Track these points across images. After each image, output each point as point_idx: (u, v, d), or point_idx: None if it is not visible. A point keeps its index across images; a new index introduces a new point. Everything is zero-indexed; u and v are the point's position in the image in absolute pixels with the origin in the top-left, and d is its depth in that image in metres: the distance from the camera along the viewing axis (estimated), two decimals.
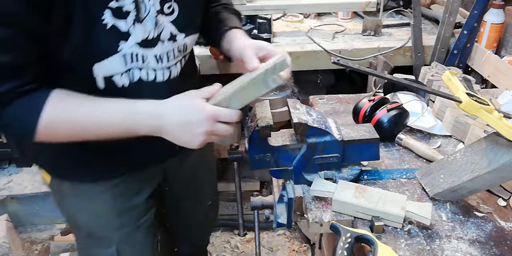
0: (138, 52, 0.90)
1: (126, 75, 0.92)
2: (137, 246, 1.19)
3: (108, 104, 0.87)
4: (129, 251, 1.18)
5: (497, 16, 1.78)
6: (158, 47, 0.93)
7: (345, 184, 1.01)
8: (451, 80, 0.96)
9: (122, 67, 0.90)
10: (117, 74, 0.91)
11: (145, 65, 0.94)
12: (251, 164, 1.05)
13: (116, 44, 0.87)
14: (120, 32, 0.86)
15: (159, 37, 0.93)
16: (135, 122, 0.87)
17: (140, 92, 0.93)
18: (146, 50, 0.91)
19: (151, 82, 0.96)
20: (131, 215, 1.14)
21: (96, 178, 1.08)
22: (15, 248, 2.12)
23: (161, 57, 0.95)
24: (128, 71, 0.92)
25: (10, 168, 2.34)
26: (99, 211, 1.12)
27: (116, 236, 1.15)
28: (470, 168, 0.95)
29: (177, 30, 0.96)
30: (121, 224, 1.14)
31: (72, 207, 1.14)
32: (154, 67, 0.95)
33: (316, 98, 1.53)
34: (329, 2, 2.07)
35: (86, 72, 0.88)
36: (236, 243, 2.33)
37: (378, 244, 0.87)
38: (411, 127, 1.30)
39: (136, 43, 0.89)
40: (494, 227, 0.97)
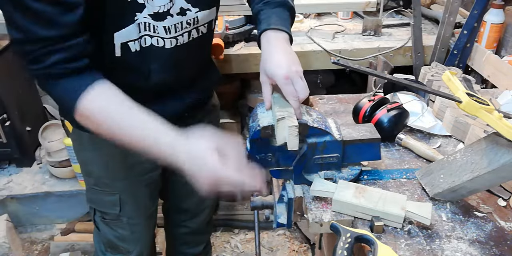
0: (150, 23, 1.01)
1: (138, 41, 1.03)
2: (137, 198, 1.33)
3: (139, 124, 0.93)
4: (129, 201, 1.32)
5: (497, 16, 1.78)
6: (167, 20, 1.03)
7: (345, 184, 1.01)
8: (451, 80, 0.96)
9: (136, 34, 1.01)
10: (131, 40, 1.02)
11: (156, 34, 1.04)
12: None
13: (133, 14, 0.98)
14: (138, 4, 0.97)
15: (169, 11, 1.02)
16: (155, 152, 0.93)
17: (150, 55, 1.06)
18: (157, 22, 1.02)
19: (160, 48, 1.06)
20: (136, 169, 1.27)
21: None
22: (15, 248, 2.12)
23: (169, 29, 1.04)
24: (140, 38, 1.03)
25: (10, 168, 2.34)
26: (109, 162, 1.25)
27: (120, 186, 1.29)
28: (470, 168, 0.95)
29: (190, 5, 1.05)
30: (126, 176, 1.28)
31: (87, 155, 1.28)
32: (163, 36, 1.05)
33: (316, 98, 1.53)
34: (329, 2, 2.07)
35: (108, 40, 1.00)
36: (236, 243, 2.33)
37: (378, 244, 0.87)
38: (411, 127, 1.30)
39: (148, 15, 1.00)
40: (494, 227, 0.97)
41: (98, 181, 1.30)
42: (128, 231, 1.37)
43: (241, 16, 1.95)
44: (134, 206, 1.34)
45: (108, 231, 1.38)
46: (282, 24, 1.09)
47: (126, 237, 1.39)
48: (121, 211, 1.32)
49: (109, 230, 1.38)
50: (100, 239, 1.43)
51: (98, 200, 1.34)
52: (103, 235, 1.40)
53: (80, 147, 1.28)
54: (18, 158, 2.30)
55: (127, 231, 1.37)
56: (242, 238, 2.37)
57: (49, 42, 0.88)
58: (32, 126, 2.29)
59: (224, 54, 1.87)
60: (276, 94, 1.04)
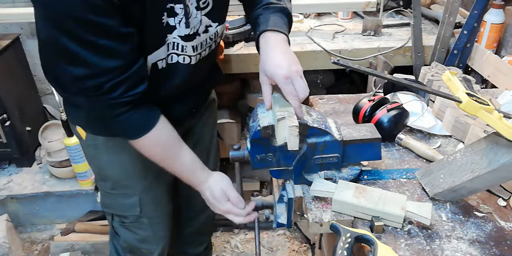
0: (179, 43, 1.06)
1: (165, 60, 1.08)
2: (157, 197, 1.35)
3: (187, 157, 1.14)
4: (149, 201, 1.32)
5: (497, 16, 1.78)
6: (196, 40, 1.09)
7: (345, 184, 1.01)
8: (451, 80, 0.96)
9: (164, 54, 1.06)
10: (160, 59, 1.07)
11: (183, 53, 1.09)
12: (253, 164, 1.05)
13: (165, 36, 1.03)
14: (169, 26, 1.02)
15: (197, 31, 1.08)
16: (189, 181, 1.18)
17: (175, 71, 1.11)
18: (186, 42, 1.07)
19: (186, 64, 1.12)
20: (154, 168, 1.24)
21: None
22: (15, 248, 2.12)
23: (197, 47, 1.11)
24: (168, 56, 1.07)
25: (10, 168, 2.34)
26: (128, 164, 1.26)
27: (140, 187, 1.30)
28: (470, 168, 0.95)
29: (210, 21, 1.11)
30: (145, 175, 1.29)
31: (103, 159, 1.28)
32: (190, 54, 1.10)
33: (316, 98, 1.53)
34: (329, 2, 2.07)
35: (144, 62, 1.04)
36: (236, 243, 2.33)
37: (378, 244, 0.87)
38: (411, 127, 1.30)
39: (178, 36, 1.04)
40: (494, 227, 0.97)
41: (116, 185, 1.30)
42: (150, 232, 1.37)
43: (241, 16, 1.95)
44: (154, 205, 1.34)
45: (129, 235, 1.38)
46: (281, 27, 1.10)
47: (148, 238, 1.38)
48: (142, 212, 1.32)
49: (130, 233, 1.37)
50: (119, 244, 1.42)
51: (116, 205, 1.34)
52: (123, 239, 1.40)
53: (96, 151, 1.27)
54: (18, 158, 2.30)
55: (149, 232, 1.37)
56: (242, 238, 2.37)
57: (115, 72, 0.95)
58: (32, 126, 2.30)
59: (224, 54, 1.88)
60: (276, 94, 1.04)
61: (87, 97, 1.00)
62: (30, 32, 2.35)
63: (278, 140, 0.99)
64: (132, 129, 1.05)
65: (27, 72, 2.37)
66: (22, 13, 1.95)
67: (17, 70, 2.28)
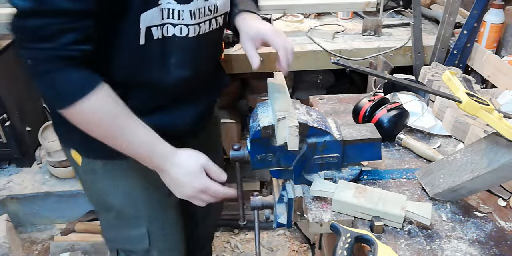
0: (175, 8, 0.97)
1: (160, 28, 0.97)
2: (166, 224, 1.24)
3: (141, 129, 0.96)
4: (158, 230, 1.22)
5: (497, 16, 1.78)
6: (193, 3, 0.99)
7: (345, 184, 1.01)
8: (451, 80, 0.96)
9: (158, 20, 0.96)
10: (154, 25, 0.96)
11: (180, 21, 0.99)
12: (253, 164, 1.05)
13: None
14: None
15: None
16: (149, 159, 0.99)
17: (172, 46, 1.01)
18: (183, 5, 0.97)
19: (183, 38, 1.02)
20: (160, 191, 1.14)
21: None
22: (15, 248, 2.12)
23: (194, 13, 1.01)
24: (163, 25, 0.98)
25: (10, 168, 2.34)
26: (129, 187, 1.16)
27: (146, 215, 1.20)
28: (470, 168, 0.95)
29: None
30: (151, 199, 1.19)
31: (103, 185, 1.17)
32: (188, 22, 1.00)
33: (316, 98, 1.53)
34: (329, 2, 2.07)
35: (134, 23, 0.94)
36: (236, 243, 2.33)
37: (378, 244, 0.87)
38: (411, 127, 1.30)
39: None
40: (494, 227, 0.97)
41: (121, 214, 1.19)
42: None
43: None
44: (164, 235, 1.24)
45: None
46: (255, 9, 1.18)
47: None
48: (151, 245, 1.22)
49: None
50: None
51: (122, 238, 1.23)
52: None
53: (94, 177, 1.16)
54: (18, 158, 2.30)
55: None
56: (242, 238, 2.37)
57: (67, 17, 0.82)
58: (32, 126, 2.30)
59: (224, 54, 1.87)
60: (276, 94, 1.04)
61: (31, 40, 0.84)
62: None
63: (278, 140, 0.99)
64: (71, 89, 0.88)
65: None
66: None
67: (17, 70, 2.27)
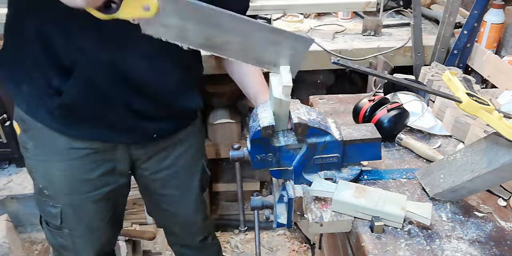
0: None
1: None
2: (81, 213, 1.30)
3: None
4: (72, 215, 1.29)
5: (497, 16, 1.78)
6: None
7: (345, 184, 1.01)
8: (451, 80, 0.96)
9: None
10: None
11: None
12: (253, 164, 1.05)
13: None
14: None
15: None
16: None
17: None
18: None
19: None
20: (84, 187, 1.25)
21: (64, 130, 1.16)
22: (15, 248, 2.12)
23: None
24: None
25: (10, 168, 2.34)
26: (52, 174, 1.23)
27: (63, 200, 1.26)
28: (470, 168, 0.95)
29: None
30: (70, 191, 1.25)
31: (31, 163, 1.25)
32: None
33: (316, 98, 1.53)
34: (329, 2, 2.07)
35: None
36: (236, 243, 2.33)
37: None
38: (411, 127, 1.30)
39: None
40: (494, 227, 0.97)
41: (41, 191, 1.27)
42: (70, 242, 1.34)
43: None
44: (77, 220, 1.31)
45: (51, 238, 1.37)
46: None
47: (67, 247, 1.36)
48: (62, 223, 1.30)
49: (52, 238, 1.36)
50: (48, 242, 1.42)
51: (41, 208, 1.32)
52: (48, 240, 1.39)
53: (26, 154, 1.25)
54: (18, 158, 2.29)
55: (69, 242, 1.34)
56: (242, 238, 2.37)
57: None
58: None
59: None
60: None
61: None
62: None
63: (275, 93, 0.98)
64: None
65: None
66: None
67: None
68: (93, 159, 1.22)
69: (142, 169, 1.35)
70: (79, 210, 1.29)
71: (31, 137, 1.21)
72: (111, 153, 1.25)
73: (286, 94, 0.96)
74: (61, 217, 1.28)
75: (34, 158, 1.24)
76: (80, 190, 1.25)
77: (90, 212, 1.31)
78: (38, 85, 1.11)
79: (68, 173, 1.22)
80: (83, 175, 1.23)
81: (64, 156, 1.20)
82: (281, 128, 1.04)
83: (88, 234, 1.35)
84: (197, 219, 1.54)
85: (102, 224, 1.36)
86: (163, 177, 1.38)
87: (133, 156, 1.30)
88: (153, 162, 1.34)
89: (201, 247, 1.63)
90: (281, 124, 1.03)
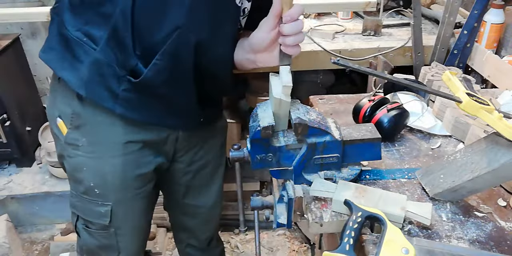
0: None
1: None
2: (130, 210, 1.29)
3: None
4: (121, 213, 1.27)
5: (497, 16, 1.78)
6: None
7: (345, 184, 1.01)
8: (451, 80, 0.96)
9: None
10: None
11: None
12: (253, 164, 1.05)
13: None
14: None
15: None
16: None
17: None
18: None
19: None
20: (132, 182, 1.24)
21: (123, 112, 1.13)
22: (15, 248, 2.12)
23: None
24: None
25: (10, 168, 2.34)
26: (106, 171, 1.21)
27: (114, 198, 1.24)
28: (470, 168, 0.96)
29: None
30: (123, 188, 1.24)
31: (81, 161, 1.21)
32: None
33: (316, 98, 1.53)
34: (329, 2, 2.07)
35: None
36: (236, 243, 2.33)
37: (388, 225, 0.88)
38: (411, 127, 1.30)
39: None
40: (494, 227, 0.97)
41: (90, 190, 1.23)
42: (114, 241, 1.32)
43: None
44: (126, 219, 1.30)
45: (91, 240, 1.33)
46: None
47: (110, 246, 1.34)
48: (111, 223, 1.27)
49: (92, 239, 1.32)
50: (80, 245, 1.39)
51: (85, 209, 1.28)
52: (83, 242, 1.35)
53: (75, 152, 1.20)
54: (18, 158, 2.30)
55: (113, 241, 1.32)
56: (242, 238, 2.37)
57: None
58: (32, 126, 2.30)
59: None
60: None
61: None
62: (30, 32, 2.36)
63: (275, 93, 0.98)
64: None
65: (27, 72, 2.37)
66: (22, 13, 1.95)
67: (17, 70, 2.28)
68: (145, 153, 1.23)
69: (179, 162, 1.36)
70: (129, 207, 1.29)
71: (84, 133, 1.18)
72: (162, 146, 1.26)
73: (286, 94, 0.96)
74: (110, 216, 1.26)
75: (85, 156, 1.20)
76: (132, 186, 1.25)
77: (137, 209, 1.32)
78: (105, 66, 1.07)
79: (121, 168, 1.21)
80: (135, 170, 1.23)
81: (120, 151, 1.19)
82: (281, 128, 1.04)
83: (133, 232, 1.36)
84: (215, 214, 1.56)
85: (145, 221, 1.38)
86: (195, 169, 1.40)
87: (177, 148, 1.31)
88: (190, 154, 1.36)
89: (206, 248, 1.65)
90: (281, 124, 1.03)
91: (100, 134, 1.18)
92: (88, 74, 1.09)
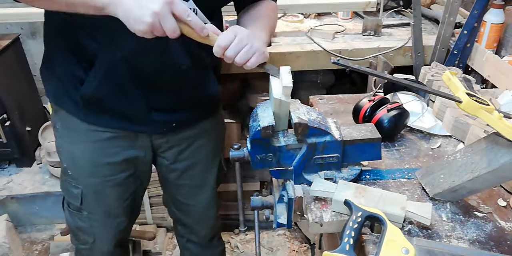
0: None
1: None
2: (101, 196, 1.34)
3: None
4: (92, 198, 1.34)
5: (497, 16, 1.78)
6: None
7: (345, 184, 1.01)
8: (451, 80, 0.96)
9: None
10: None
11: None
12: (253, 164, 1.05)
13: None
14: None
15: None
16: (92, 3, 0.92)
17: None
18: None
19: None
20: (101, 170, 1.30)
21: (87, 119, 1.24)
22: (15, 248, 2.12)
23: None
24: None
25: (10, 168, 2.34)
26: (77, 157, 1.29)
27: (84, 182, 1.32)
28: (470, 168, 0.96)
29: None
30: (90, 173, 1.31)
31: (59, 143, 1.33)
32: None
33: (316, 98, 1.53)
34: (329, 2, 2.07)
35: None
36: (236, 243, 2.33)
37: (388, 225, 0.88)
38: (411, 127, 1.30)
39: None
40: (494, 227, 0.97)
41: (65, 171, 1.33)
42: (87, 224, 1.39)
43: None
44: (96, 203, 1.35)
45: (70, 219, 1.42)
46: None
47: (84, 229, 1.41)
48: (82, 205, 1.35)
49: (71, 219, 1.41)
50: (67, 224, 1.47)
51: (64, 188, 1.38)
52: (67, 221, 1.44)
53: (56, 133, 1.32)
54: (18, 158, 2.30)
55: (86, 224, 1.39)
56: (242, 238, 2.37)
57: None
58: (32, 126, 2.30)
59: None
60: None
61: None
62: (30, 32, 2.35)
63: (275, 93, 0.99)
64: None
65: (27, 72, 2.37)
66: (22, 13, 1.95)
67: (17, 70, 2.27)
68: (114, 143, 1.27)
69: (163, 158, 1.40)
70: (98, 193, 1.33)
71: (60, 118, 1.28)
72: (133, 140, 1.30)
73: (286, 94, 0.96)
74: (81, 198, 1.33)
75: (61, 138, 1.31)
76: (100, 173, 1.30)
77: (109, 197, 1.35)
78: (65, 77, 1.19)
79: (89, 154, 1.27)
80: (103, 158, 1.28)
81: (87, 137, 1.26)
82: (281, 128, 1.04)
83: (105, 218, 1.39)
84: (209, 214, 1.57)
85: (120, 210, 1.40)
86: (182, 168, 1.42)
87: (155, 144, 1.34)
88: (174, 152, 1.38)
89: (206, 245, 1.65)
90: (281, 124, 1.03)
91: (71, 121, 1.26)
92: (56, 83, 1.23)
